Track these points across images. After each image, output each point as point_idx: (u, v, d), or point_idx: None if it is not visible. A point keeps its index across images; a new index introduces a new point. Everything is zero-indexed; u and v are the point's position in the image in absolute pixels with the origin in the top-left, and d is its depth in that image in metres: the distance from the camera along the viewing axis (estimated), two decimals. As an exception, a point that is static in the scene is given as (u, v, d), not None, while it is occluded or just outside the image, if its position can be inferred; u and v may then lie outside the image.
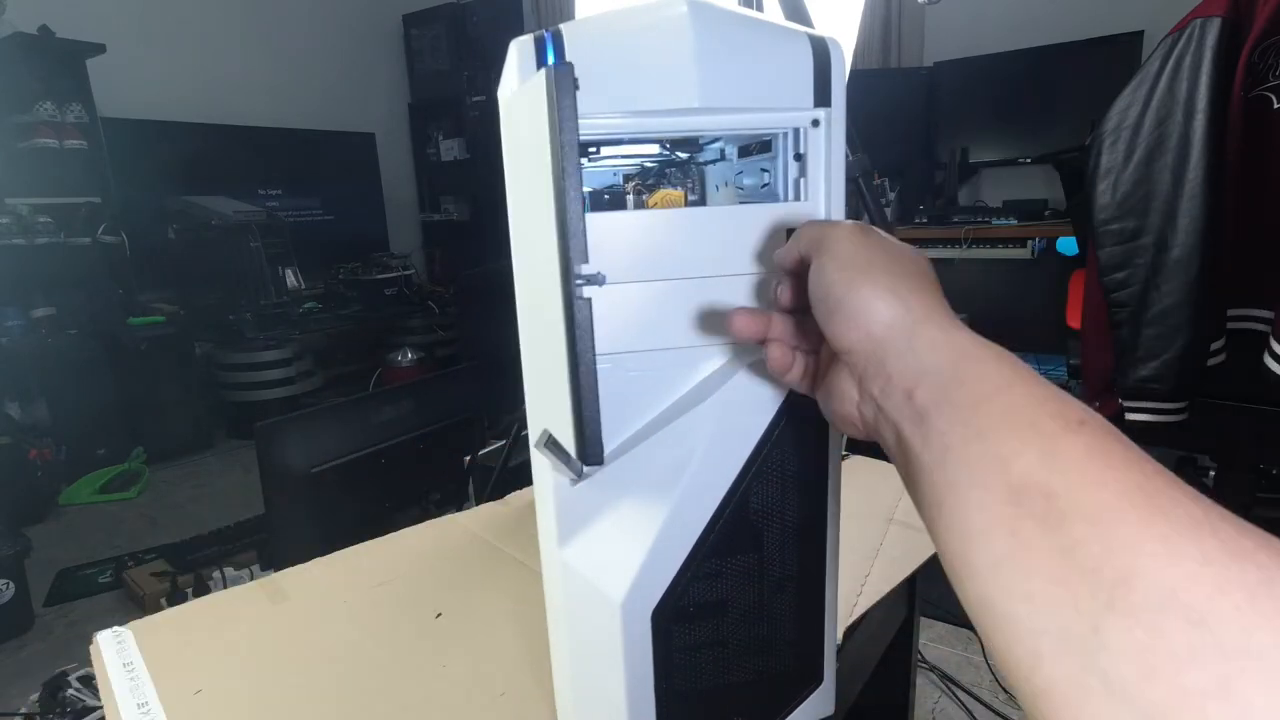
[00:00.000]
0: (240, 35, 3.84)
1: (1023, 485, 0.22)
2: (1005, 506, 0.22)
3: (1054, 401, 0.24)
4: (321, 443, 1.27)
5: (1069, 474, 0.21)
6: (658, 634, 0.38)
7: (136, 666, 0.58)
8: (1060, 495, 0.21)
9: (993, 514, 0.22)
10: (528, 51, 0.33)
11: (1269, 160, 1.24)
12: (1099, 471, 0.21)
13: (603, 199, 0.44)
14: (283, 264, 3.34)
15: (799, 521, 0.40)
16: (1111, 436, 0.22)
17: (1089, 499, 0.20)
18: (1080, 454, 0.21)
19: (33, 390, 2.76)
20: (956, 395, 0.25)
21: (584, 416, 0.33)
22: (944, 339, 0.27)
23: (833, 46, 0.36)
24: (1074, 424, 0.22)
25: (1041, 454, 0.22)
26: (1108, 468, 0.21)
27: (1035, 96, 2.73)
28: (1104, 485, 0.20)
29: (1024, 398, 0.24)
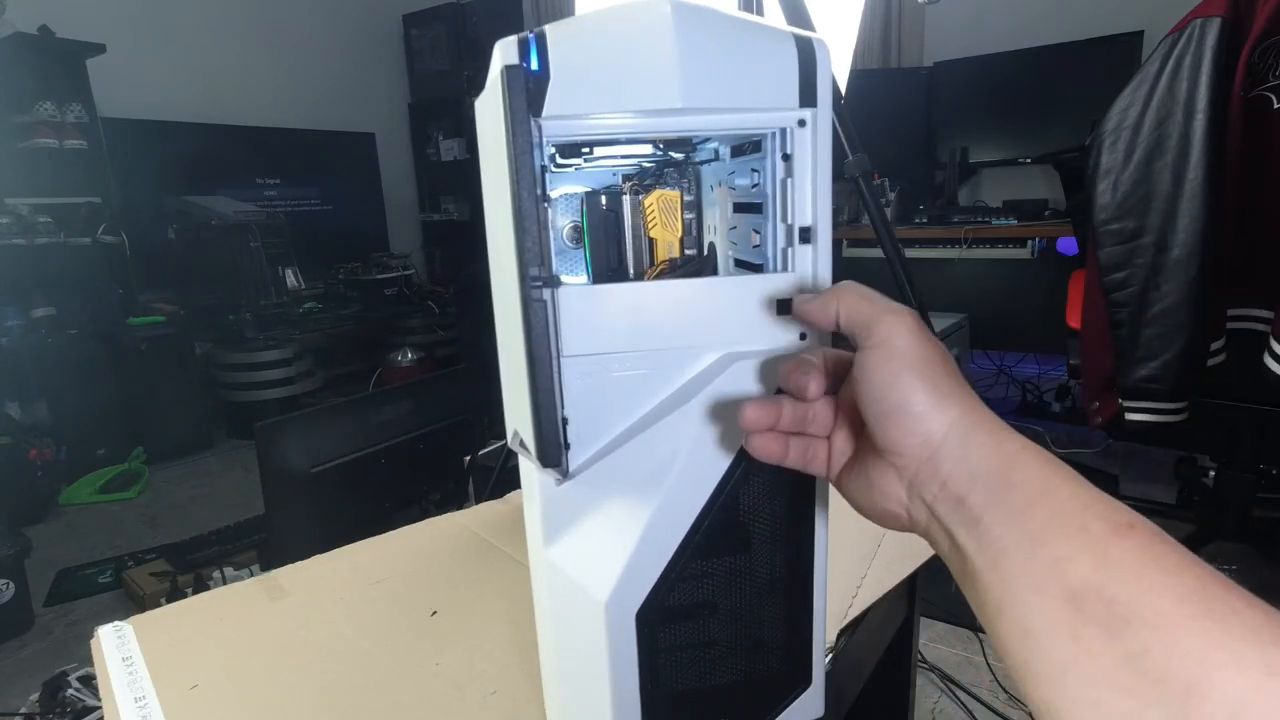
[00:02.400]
0: (240, 35, 3.84)
1: (1081, 590, 0.22)
2: (1064, 612, 0.22)
3: (1100, 504, 0.24)
4: (321, 443, 1.28)
5: (1125, 579, 0.22)
6: (643, 634, 0.38)
7: (135, 661, 0.58)
8: (1119, 601, 0.21)
9: (1053, 619, 0.22)
10: (511, 52, 0.33)
11: (1269, 160, 1.24)
12: (1154, 576, 0.21)
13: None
14: (283, 264, 3.35)
15: (786, 522, 0.40)
16: (1160, 539, 0.22)
17: (1148, 605, 0.21)
18: (1133, 558, 0.22)
19: (33, 390, 2.77)
20: (1008, 500, 0.25)
21: (542, 419, 0.33)
22: (993, 443, 0.27)
23: (819, 47, 0.36)
24: (1122, 527, 0.23)
25: (1095, 558, 0.22)
26: (1161, 571, 0.21)
27: (1035, 96, 2.73)
28: (1161, 590, 0.21)
29: (1071, 500, 0.24)
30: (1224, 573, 0.21)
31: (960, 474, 0.27)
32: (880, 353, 0.29)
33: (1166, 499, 1.88)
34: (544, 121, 0.34)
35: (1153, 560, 0.22)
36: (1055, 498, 0.25)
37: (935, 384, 0.28)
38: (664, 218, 0.45)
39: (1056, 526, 0.24)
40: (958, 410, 0.28)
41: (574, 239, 0.47)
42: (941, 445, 0.28)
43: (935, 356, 0.29)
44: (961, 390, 0.29)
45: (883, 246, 1.25)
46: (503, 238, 0.36)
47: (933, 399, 0.28)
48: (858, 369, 0.30)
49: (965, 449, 0.27)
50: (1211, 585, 0.21)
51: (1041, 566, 0.23)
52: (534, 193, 0.32)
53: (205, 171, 3.59)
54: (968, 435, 0.27)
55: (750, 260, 0.44)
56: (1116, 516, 0.23)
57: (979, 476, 0.27)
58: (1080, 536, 0.23)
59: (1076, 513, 0.24)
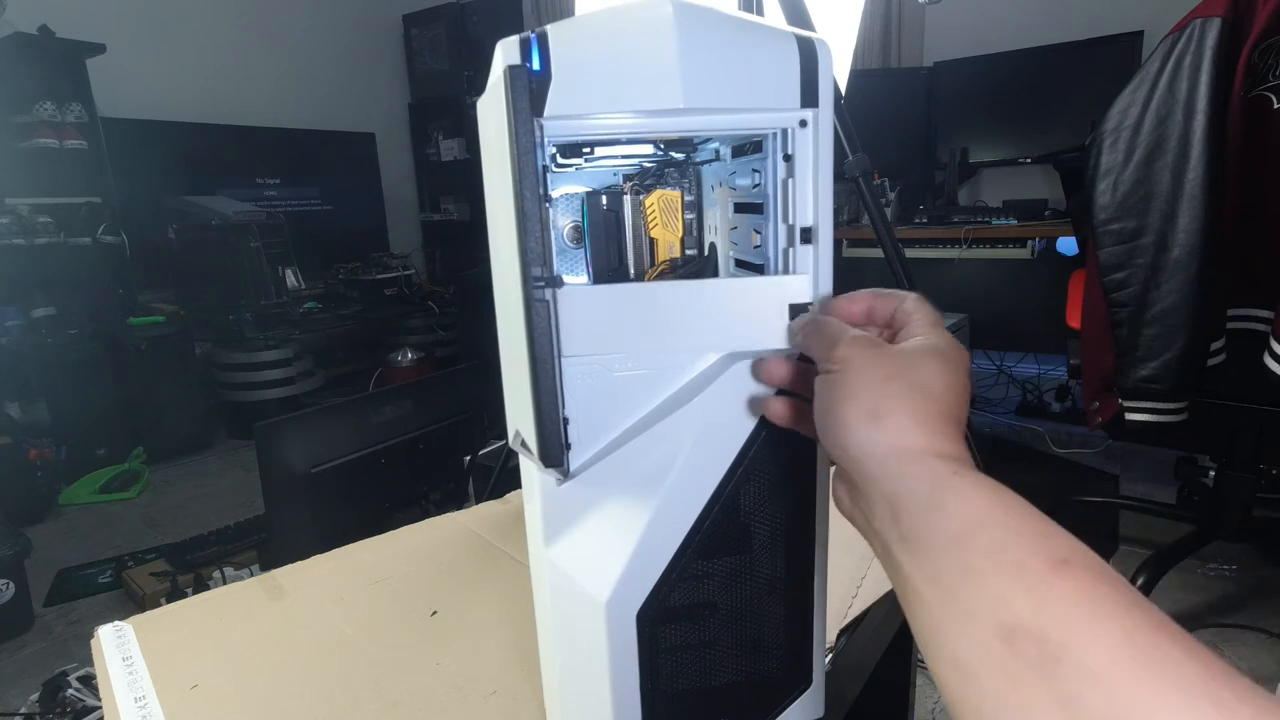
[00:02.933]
0: (240, 35, 3.84)
1: (1016, 628, 0.22)
2: (999, 648, 0.22)
3: (1038, 537, 0.24)
4: (321, 443, 1.28)
5: (1061, 620, 0.21)
6: (643, 635, 0.38)
7: (135, 661, 0.58)
8: (1053, 642, 0.21)
9: (987, 654, 0.23)
10: (513, 53, 0.33)
11: (1269, 160, 1.23)
12: (1090, 619, 0.21)
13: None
14: (283, 264, 3.35)
15: (787, 523, 0.40)
16: (1099, 578, 0.22)
17: (1083, 649, 0.21)
18: (1069, 598, 0.22)
19: (33, 390, 2.77)
20: (941, 525, 0.26)
21: (543, 419, 0.33)
22: (922, 470, 0.27)
23: (820, 47, 0.36)
24: (1059, 564, 0.23)
25: (1031, 596, 0.22)
26: (1099, 615, 0.21)
27: (1035, 96, 2.73)
28: (1098, 635, 0.21)
29: (1007, 532, 0.24)
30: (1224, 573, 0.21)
31: (887, 491, 0.28)
32: (821, 374, 0.32)
33: (1166, 499, 1.88)
34: (545, 121, 0.34)
35: (1090, 602, 0.22)
36: (992, 529, 0.25)
37: (860, 404, 0.29)
38: (665, 218, 0.45)
39: (991, 559, 0.24)
40: (877, 430, 0.29)
41: (574, 239, 0.47)
42: (860, 460, 0.29)
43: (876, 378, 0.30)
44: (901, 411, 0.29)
45: (883, 246, 1.25)
46: (504, 238, 0.36)
47: (854, 417, 0.29)
48: (815, 387, 0.32)
49: (886, 466, 0.28)
50: (1150, 632, 0.21)
51: (976, 600, 0.23)
52: (537, 193, 0.32)
53: (205, 171, 3.59)
54: (887, 454, 0.28)
55: (751, 260, 0.44)
56: (1054, 551, 0.23)
57: (906, 498, 0.27)
58: (1015, 572, 0.23)
59: (1013, 546, 0.24)
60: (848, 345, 0.31)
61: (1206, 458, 1.76)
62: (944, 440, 0.28)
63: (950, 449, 0.28)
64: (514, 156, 0.32)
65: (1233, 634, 1.56)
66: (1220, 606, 1.65)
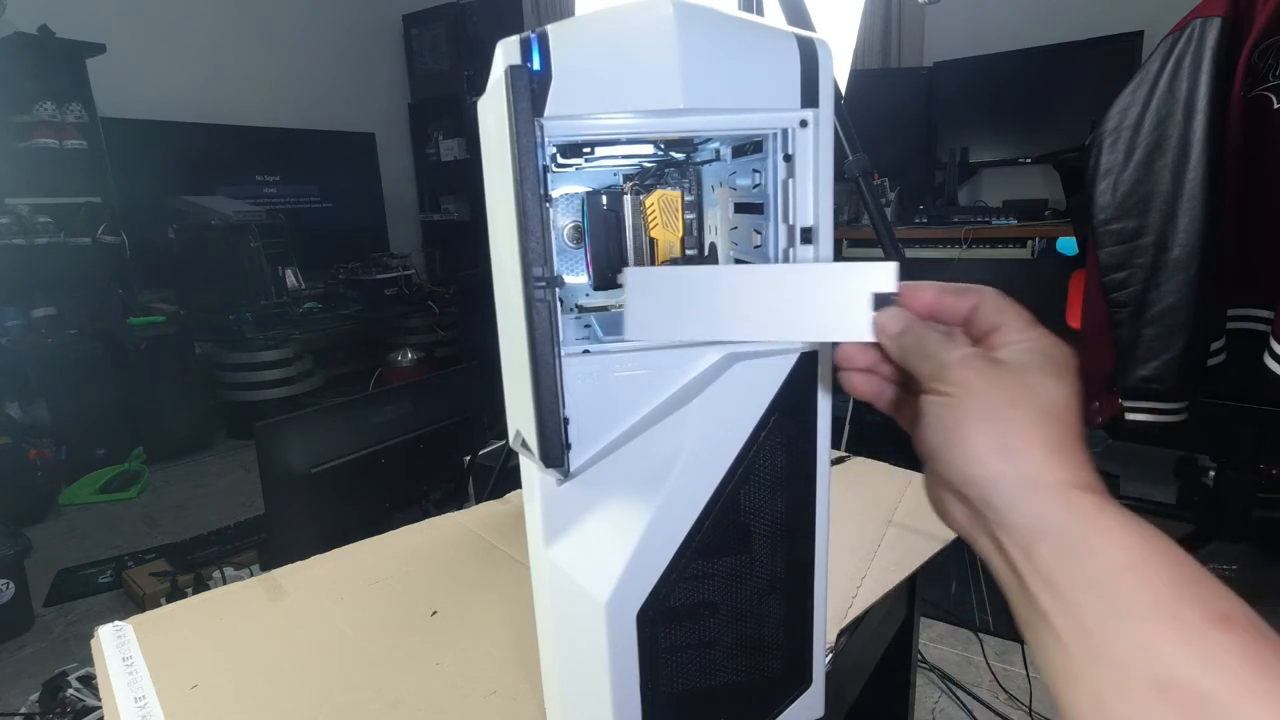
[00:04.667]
0: (240, 35, 3.84)
1: (1172, 679, 0.22)
2: (1150, 698, 0.22)
3: (1196, 586, 0.23)
4: (321, 443, 1.28)
5: (1224, 677, 0.21)
6: (643, 635, 0.38)
7: (135, 661, 0.58)
8: (1215, 699, 0.21)
9: (1136, 703, 0.22)
10: (514, 53, 0.33)
11: (1269, 160, 1.23)
12: (1255, 680, 0.21)
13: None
14: (283, 264, 3.35)
15: (787, 523, 0.40)
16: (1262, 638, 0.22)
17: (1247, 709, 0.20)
18: (1234, 656, 0.21)
19: (33, 390, 2.76)
20: (1086, 565, 0.25)
21: (544, 419, 0.33)
22: (1059, 503, 0.26)
23: (820, 47, 0.36)
24: (1219, 618, 0.22)
25: (1190, 650, 0.22)
26: (1263, 676, 0.21)
27: (1035, 96, 2.73)
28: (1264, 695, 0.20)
29: (1160, 579, 0.23)
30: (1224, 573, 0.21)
31: (1024, 526, 0.27)
32: (937, 396, 0.30)
33: (1166, 499, 1.88)
34: (546, 121, 0.34)
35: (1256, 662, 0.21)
36: (1145, 573, 0.24)
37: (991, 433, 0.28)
38: (665, 218, 0.45)
39: (1145, 607, 0.23)
40: (1011, 463, 0.27)
41: (574, 239, 0.47)
42: (993, 492, 0.28)
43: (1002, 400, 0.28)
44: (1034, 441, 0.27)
45: (883, 246, 1.25)
46: (505, 237, 0.36)
47: (984, 447, 0.28)
48: (923, 406, 0.30)
49: (1026, 501, 0.27)
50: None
51: (1128, 647, 0.23)
52: (537, 193, 0.32)
53: (205, 171, 3.59)
54: (1024, 488, 0.27)
55: (751, 261, 0.44)
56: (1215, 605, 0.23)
57: (1048, 533, 0.26)
58: (1173, 623, 0.22)
59: (1168, 594, 0.23)
60: (962, 366, 0.29)
61: (1206, 458, 1.76)
62: (1079, 469, 0.27)
63: (1087, 479, 0.27)
64: (514, 156, 0.32)
65: (1233, 634, 1.56)
66: (1220, 606, 1.64)
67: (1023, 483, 0.27)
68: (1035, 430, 0.27)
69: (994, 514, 0.28)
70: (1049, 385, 0.28)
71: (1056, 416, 0.28)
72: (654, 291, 0.34)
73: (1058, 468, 0.27)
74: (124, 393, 2.88)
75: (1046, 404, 0.28)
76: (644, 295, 0.34)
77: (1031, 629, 0.27)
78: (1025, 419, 0.28)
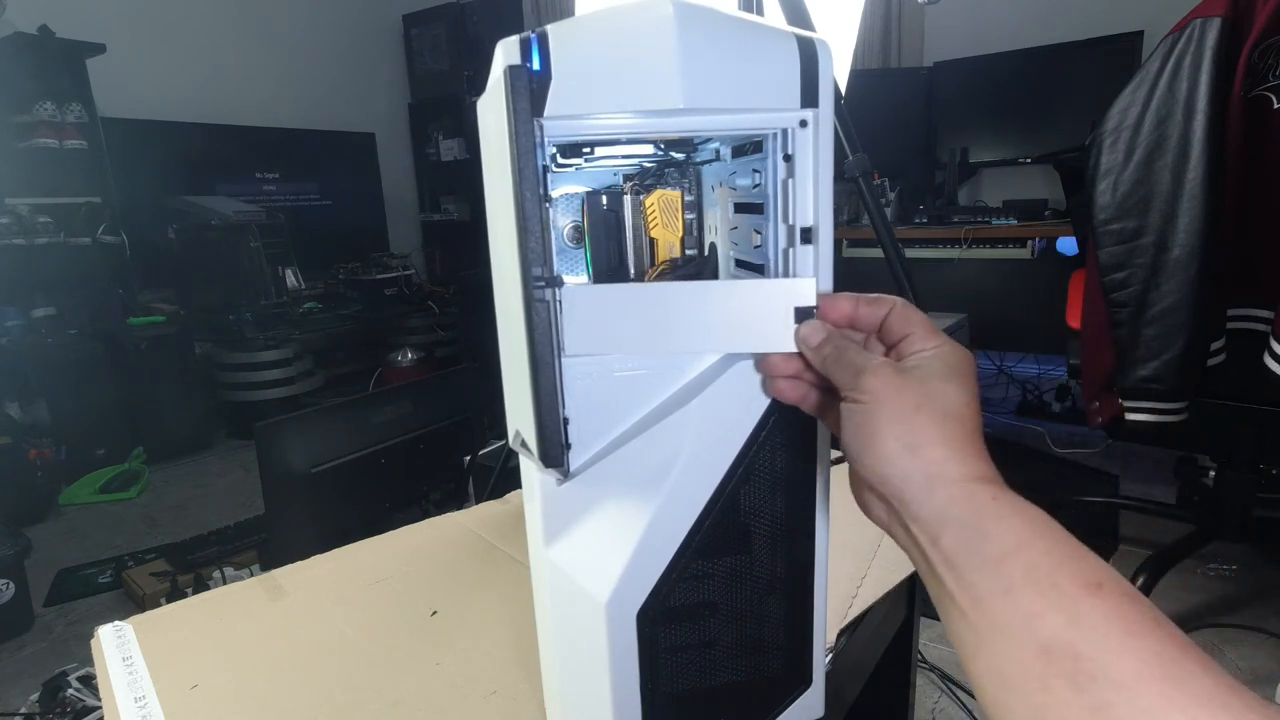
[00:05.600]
0: (240, 35, 3.84)
1: (1052, 644, 0.24)
2: (1037, 662, 0.25)
3: (1073, 560, 0.26)
4: (321, 443, 1.28)
5: (1093, 638, 0.24)
6: (643, 635, 0.38)
7: (135, 661, 0.58)
8: (1087, 657, 0.23)
9: (1025, 668, 0.25)
10: (514, 53, 0.33)
11: (1269, 160, 1.23)
12: (1121, 637, 0.23)
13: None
14: (283, 264, 3.35)
15: (787, 523, 0.40)
16: (1128, 599, 0.25)
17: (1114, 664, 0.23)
18: (1102, 618, 0.24)
19: (33, 390, 2.76)
20: (982, 548, 0.28)
21: (544, 419, 0.34)
22: (961, 494, 0.29)
23: (820, 47, 0.36)
24: (1092, 586, 0.25)
25: (1067, 615, 0.25)
26: (1129, 634, 0.23)
27: (1035, 96, 2.73)
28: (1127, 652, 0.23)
29: (1044, 555, 0.26)
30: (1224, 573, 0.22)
31: (930, 518, 0.30)
32: (851, 403, 0.33)
33: (1166, 499, 1.88)
34: (546, 121, 0.34)
35: (1120, 621, 0.24)
36: (1029, 552, 0.27)
37: (898, 437, 0.31)
38: (665, 218, 0.45)
39: (1030, 581, 0.26)
40: (917, 461, 0.31)
41: (574, 239, 0.47)
42: (903, 489, 0.31)
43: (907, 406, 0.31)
44: (937, 440, 0.31)
45: (883, 246, 1.25)
46: (504, 238, 0.36)
47: (893, 450, 0.31)
48: (843, 412, 0.34)
49: (931, 495, 0.30)
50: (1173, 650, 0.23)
51: (1016, 618, 0.26)
52: (537, 193, 0.32)
53: (205, 171, 3.59)
54: (931, 484, 0.30)
55: (751, 260, 0.44)
56: (1087, 574, 0.25)
57: (949, 522, 0.29)
58: (1052, 593, 0.25)
59: (1049, 567, 0.26)
60: (873, 375, 0.33)
61: (1206, 458, 1.75)
62: (977, 462, 0.30)
63: (984, 471, 0.30)
64: (514, 156, 0.32)
65: (1233, 634, 1.56)
66: (1220, 606, 1.65)
67: (927, 479, 0.30)
68: (937, 431, 0.31)
69: (905, 508, 0.31)
70: (949, 390, 0.32)
71: (956, 417, 0.31)
72: (590, 308, 0.36)
73: (958, 464, 0.30)
74: (124, 393, 2.88)
75: (946, 407, 0.31)
76: (580, 312, 0.36)
77: (942, 609, 0.30)
78: (928, 421, 0.31)
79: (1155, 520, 1.84)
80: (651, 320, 0.36)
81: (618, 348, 0.37)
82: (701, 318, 0.37)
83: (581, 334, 0.36)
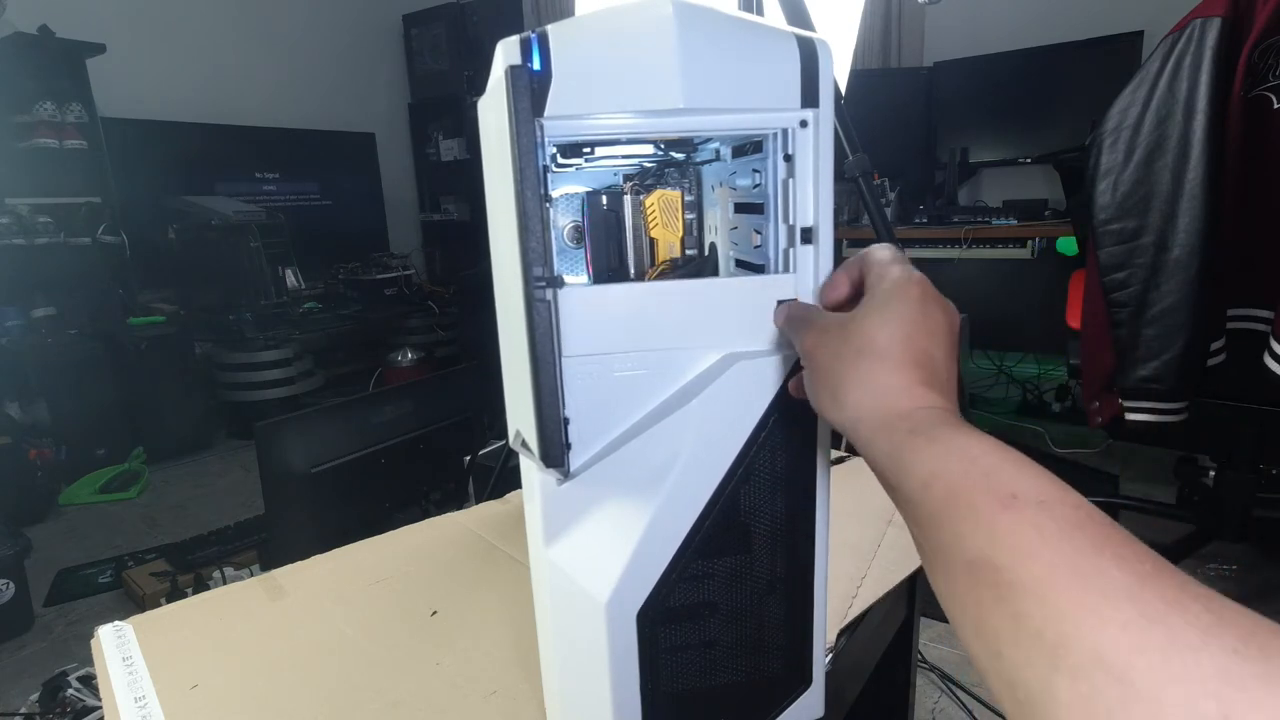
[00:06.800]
0: (240, 35, 3.84)
1: (974, 560, 0.26)
2: (966, 578, 0.26)
3: (984, 478, 0.27)
4: (321, 443, 1.28)
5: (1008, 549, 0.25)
6: (643, 635, 0.38)
7: (135, 661, 0.58)
8: (1004, 568, 0.25)
9: (958, 585, 0.27)
10: (514, 53, 0.33)
11: (1269, 160, 1.23)
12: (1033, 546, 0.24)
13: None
14: (283, 264, 3.35)
15: (787, 523, 0.40)
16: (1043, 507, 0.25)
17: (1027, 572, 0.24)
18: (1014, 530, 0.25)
19: (33, 390, 2.76)
20: (906, 486, 0.29)
21: (544, 419, 0.34)
22: (882, 437, 0.31)
23: (821, 47, 0.36)
24: (1006, 499, 0.26)
25: (986, 533, 0.26)
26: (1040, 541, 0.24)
27: (1035, 96, 2.73)
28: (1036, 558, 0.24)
29: (960, 479, 0.28)
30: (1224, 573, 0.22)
31: (871, 458, 0.32)
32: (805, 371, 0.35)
33: (1166, 499, 1.88)
34: (546, 121, 0.34)
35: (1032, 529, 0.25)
36: (946, 479, 0.28)
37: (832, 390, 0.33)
38: (665, 218, 0.45)
39: (950, 506, 0.27)
40: (841, 412, 0.33)
41: (574, 239, 0.47)
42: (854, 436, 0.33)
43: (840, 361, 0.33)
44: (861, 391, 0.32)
45: (883, 246, 1.25)
46: (505, 238, 0.37)
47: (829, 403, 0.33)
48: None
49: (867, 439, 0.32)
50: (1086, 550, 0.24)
51: (945, 542, 0.27)
52: (538, 193, 0.32)
53: (205, 171, 3.59)
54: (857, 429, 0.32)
55: (751, 260, 0.44)
56: (1003, 489, 0.26)
57: (878, 464, 0.31)
58: (970, 515, 0.26)
59: (966, 491, 0.27)
60: (805, 336, 0.35)
61: (1206, 458, 1.75)
62: (897, 397, 0.32)
63: (905, 404, 0.31)
64: (514, 156, 0.32)
65: (1233, 634, 1.56)
66: (1220, 606, 1.64)
67: (857, 424, 0.32)
68: (852, 377, 0.32)
69: (861, 453, 0.32)
70: (868, 327, 0.33)
71: (876, 355, 0.32)
72: (590, 308, 0.36)
73: (875, 407, 0.32)
74: (124, 393, 2.88)
75: (862, 347, 0.32)
76: (580, 312, 0.36)
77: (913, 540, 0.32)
78: (845, 370, 0.33)
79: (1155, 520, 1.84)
80: (650, 319, 0.37)
81: (615, 347, 0.37)
82: (695, 316, 0.37)
83: (581, 334, 0.36)
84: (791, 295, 0.38)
